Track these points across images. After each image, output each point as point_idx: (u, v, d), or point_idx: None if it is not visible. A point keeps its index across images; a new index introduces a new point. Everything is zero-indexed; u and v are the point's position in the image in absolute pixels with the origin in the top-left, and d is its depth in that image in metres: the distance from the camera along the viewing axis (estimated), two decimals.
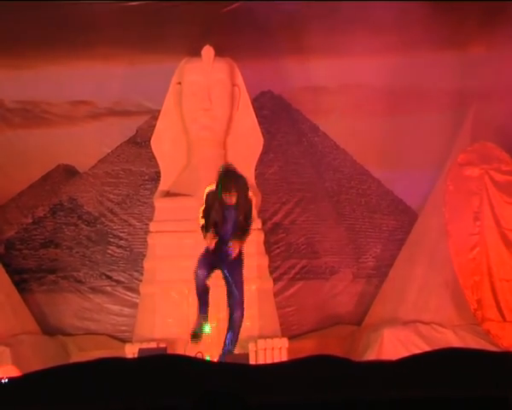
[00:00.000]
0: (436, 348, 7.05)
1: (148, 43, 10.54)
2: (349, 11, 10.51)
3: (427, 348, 8.01)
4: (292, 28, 10.66)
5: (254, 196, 9.36)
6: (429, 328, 9.21)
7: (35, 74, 10.60)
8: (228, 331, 7.56)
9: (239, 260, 7.51)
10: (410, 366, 6.10)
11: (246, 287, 7.49)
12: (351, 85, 10.85)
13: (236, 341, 7.58)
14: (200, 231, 7.47)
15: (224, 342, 7.57)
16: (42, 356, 9.19)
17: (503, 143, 9.80)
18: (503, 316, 9.28)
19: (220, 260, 7.45)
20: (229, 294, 7.55)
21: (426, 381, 5.78)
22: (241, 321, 7.55)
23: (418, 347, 8.55)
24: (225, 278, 7.57)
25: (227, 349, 7.54)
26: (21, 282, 10.52)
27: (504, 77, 10.60)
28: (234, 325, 7.53)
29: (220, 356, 7.53)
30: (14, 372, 7.52)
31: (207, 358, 7.74)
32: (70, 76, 10.60)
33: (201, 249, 7.51)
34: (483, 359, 6.05)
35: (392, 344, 8.93)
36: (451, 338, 9.04)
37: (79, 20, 10.40)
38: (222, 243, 7.42)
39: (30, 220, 10.84)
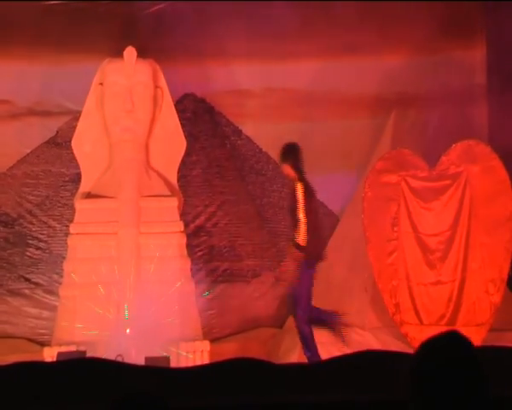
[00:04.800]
0: (357, 350, 7.13)
1: (69, 43, 10.40)
2: (272, 15, 10.58)
3: (348, 351, 8.09)
4: (215, 31, 10.66)
5: (177, 199, 9.37)
6: (350, 331, 9.30)
7: None
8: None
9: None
10: (329, 368, 6.15)
11: (167, 289, 7.47)
12: (274, 89, 10.91)
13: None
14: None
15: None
16: None
17: (422, 151, 9.98)
18: (420, 319, 9.44)
19: None
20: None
21: (345, 383, 5.84)
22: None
23: (339, 349, 8.62)
24: None
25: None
26: None
27: (423, 85, 10.82)
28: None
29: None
30: None
31: None
32: None
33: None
34: (401, 361, 6.14)
35: None
36: (371, 341, 9.15)
37: None
38: None
39: None
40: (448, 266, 9.48)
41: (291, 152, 8.63)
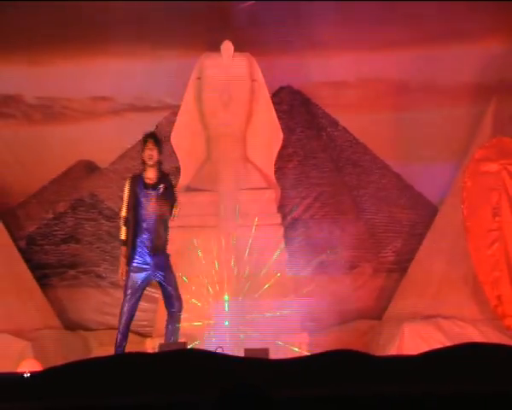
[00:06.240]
0: (457, 342, 7.03)
1: (167, 39, 10.56)
2: (366, 4, 10.50)
3: (448, 343, 7.99)
4: (310, 23, 10.65)
5: (274, 192, 9.40)
6: (450, 323, 9.18)
7: (55, 70, 10.64)
8: (168, 324, 7.88)
9: (165, 254, 7.89)
10: (431, 360, 6.08)
11: (265, 282, 7.53)
12: (370, 79, 10.83)
13: (178, 331, 7.88)
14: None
15: (166, 334, 7.88)
16: (63, 351, 9.24)
17: None
18: None
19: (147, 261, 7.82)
20: (164, 294, 7.95)
21: (447, 376, 5.77)
22: (180, 312, 7.87)
23: (439, 341, 8.52)
24: (157, 280, 7.94)
25: (170, 339, 7.83)
26: (43, 277, 10.56)
27: None
28: (174, 319, 7.86)
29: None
30: (36, 367, 7.57)
31: None
32: (90, 72, 10.64)
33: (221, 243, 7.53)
34: (505, 354, 6.03)
35: (413, 339, 8.90)
36: (473, 333, 8.99)
37: (96, 16, 10.43)
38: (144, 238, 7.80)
39: (51, 216, 10.88)
40: None
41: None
